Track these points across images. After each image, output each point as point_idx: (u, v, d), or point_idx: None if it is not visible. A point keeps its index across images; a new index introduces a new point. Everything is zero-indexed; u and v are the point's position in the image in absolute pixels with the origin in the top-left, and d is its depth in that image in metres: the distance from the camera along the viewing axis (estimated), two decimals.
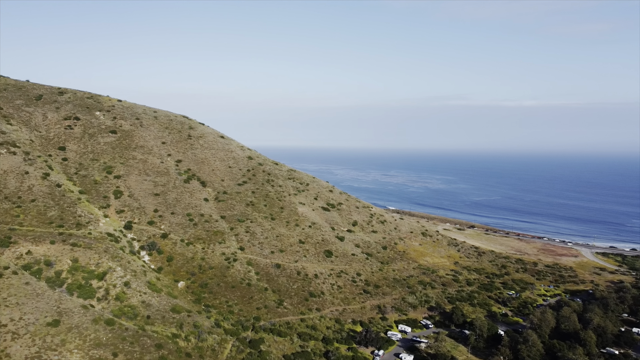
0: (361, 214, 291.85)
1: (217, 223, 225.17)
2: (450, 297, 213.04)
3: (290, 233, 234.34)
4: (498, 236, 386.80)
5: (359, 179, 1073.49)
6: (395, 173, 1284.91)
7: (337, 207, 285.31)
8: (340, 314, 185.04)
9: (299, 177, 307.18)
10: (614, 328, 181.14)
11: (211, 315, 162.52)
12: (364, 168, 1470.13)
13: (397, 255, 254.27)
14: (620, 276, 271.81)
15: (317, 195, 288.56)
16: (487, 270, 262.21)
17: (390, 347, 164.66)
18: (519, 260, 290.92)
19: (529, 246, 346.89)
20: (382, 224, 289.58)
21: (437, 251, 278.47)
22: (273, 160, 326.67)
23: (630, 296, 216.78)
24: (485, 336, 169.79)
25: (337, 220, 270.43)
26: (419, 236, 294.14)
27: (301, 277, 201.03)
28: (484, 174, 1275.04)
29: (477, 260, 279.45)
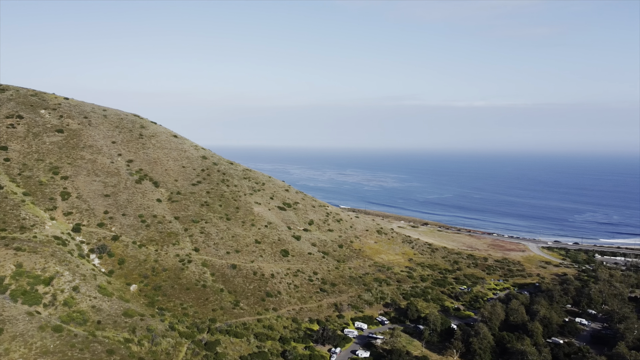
0: (317, 213, 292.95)
1: (171, 224, 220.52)
2: (405, 293, 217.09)
3: (246, 233, 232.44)
4: (450, 233, 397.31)
5: (315, 178, 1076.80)
6: (351, 172, 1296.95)
7: (293, 206, 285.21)
8: (297, 313, 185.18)
9: (255, 176, 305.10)
10: (559, 318, 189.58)
11: (165, 318, 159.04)
12: (320, 167, 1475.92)
13: (353, 253, 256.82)
14: (564, 269, 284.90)
15: (273, 195, 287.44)
16: (440, 266, 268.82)
17: (347, 345, 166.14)
18: (470, 256, 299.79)
19: (479, 242, 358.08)
20: (338, 222, 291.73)
21: (392, 248, 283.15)
22: (228, 160, 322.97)
23: (573, 288, 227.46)
24: (438, 330, 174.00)
25: (294, 219, 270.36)
26: (374, 234, 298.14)
27: (257, 277, 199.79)
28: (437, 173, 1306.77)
29: (431, 256, 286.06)
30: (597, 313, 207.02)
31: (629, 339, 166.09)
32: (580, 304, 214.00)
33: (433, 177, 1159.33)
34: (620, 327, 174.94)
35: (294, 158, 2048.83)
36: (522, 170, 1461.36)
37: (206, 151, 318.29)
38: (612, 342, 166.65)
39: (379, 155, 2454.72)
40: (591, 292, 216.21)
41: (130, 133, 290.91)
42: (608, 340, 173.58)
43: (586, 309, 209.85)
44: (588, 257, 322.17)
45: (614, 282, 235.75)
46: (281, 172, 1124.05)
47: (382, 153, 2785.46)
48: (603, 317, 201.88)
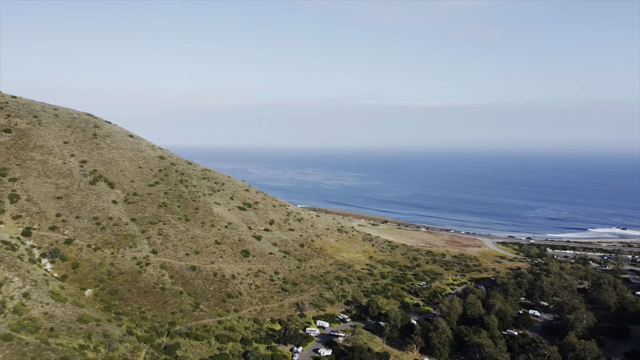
0: (278, 212, 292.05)
1: (127, 226, 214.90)
2: (365, 291, 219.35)
3: (206, 234, 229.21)
4: (409, 230, 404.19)
5: (275, 177, 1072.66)
6: (312, 171, 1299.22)
7: (253, 206, 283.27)
8: (259, 314, 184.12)
9: (214, 176, 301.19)
10: (513, 311, 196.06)
11: (122, 323, 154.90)
12: (280, 167, 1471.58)
13: (314, 252, 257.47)
14: (518, 263, 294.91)
15: (233, 195, 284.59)
16: (400, 263, 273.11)
17: (309, 343, 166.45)
18: (428, 252, 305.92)
19: (437, 239, 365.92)
20: (299, 222, 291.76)
21: (352, 247, 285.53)
22: (186, 160, 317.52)
23: (526, 281, 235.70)
24: (399, 326, 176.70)
25: (254, 219, 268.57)
26: (335, 233, 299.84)
27: (218, 279, 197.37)
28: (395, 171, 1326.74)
29: (391, 253, 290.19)
30: (549, 305, 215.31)
31: (579, 328, 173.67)
32: (533, 296, 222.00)
33: (392, 175, 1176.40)
34: (570, 317, 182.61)
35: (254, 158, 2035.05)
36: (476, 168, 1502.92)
37: (164, 151, 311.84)
38: (563, 332, 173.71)
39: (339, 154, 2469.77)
40: (543, 285, 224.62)
41: (83, 133, 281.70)
42: (559, 330, 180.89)
43: (539, 301, 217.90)
44: (540, 251, 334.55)
45: (564, 274, 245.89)
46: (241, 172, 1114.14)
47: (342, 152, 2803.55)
48: (554, 309, 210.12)
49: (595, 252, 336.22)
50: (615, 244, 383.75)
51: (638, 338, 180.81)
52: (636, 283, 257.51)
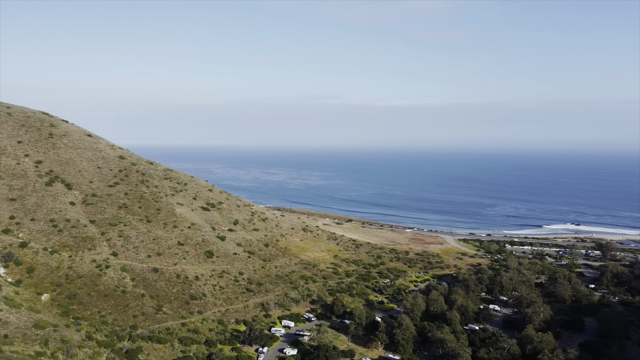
0: (242, 212, 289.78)
1: (86, 228, 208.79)
2: (331, 289, 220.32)
3: (168, 235, 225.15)
4: (373, 228, 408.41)
5: (239, 177, 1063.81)
6: (276, 171, 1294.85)
7: (217, 206, 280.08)
8: (223, 315, 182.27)
9: (176, 176, 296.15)
10: (474, 306, 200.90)
11: (81, 328, 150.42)
12: (244, 166, 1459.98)
13: (279, 252, 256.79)
14: (479, 259, 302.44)
15: (196, 195, 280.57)
16: (364, 261, 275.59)
17: (275, 343, 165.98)
18: (392, 250, 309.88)
19: (401, 236, 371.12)
20: (264, 221, 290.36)
21: (317, 246, 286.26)
22: (147, 160, 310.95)
23: (486, 277, 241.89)
24: (364, 324, 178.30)
25: (218, 219, 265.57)
26: (299, 232, 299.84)
27: (181, 280, 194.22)
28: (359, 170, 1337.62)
29: (355, 252, 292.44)
30: (508, 299, 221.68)
31: (536, 321, 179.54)
32: (493, 291, 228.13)
33: (356, 174, 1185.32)
34: (528, 311, 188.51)
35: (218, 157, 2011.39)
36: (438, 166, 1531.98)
37: (124, 151, 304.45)
38: (521, 326, 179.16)
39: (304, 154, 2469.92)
40: (502, 280, 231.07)
41: (38, 132, 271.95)
42: (518, 323, 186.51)
43: (498, 296, 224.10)
44: (499, 248, 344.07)
45: (523, 269, 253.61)
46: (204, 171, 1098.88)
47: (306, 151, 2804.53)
48: (513, 303, 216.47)
49: (551, 248, 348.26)
50: (569, 239, 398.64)
51: (591, 329, 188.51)
52: (589, 277, 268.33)
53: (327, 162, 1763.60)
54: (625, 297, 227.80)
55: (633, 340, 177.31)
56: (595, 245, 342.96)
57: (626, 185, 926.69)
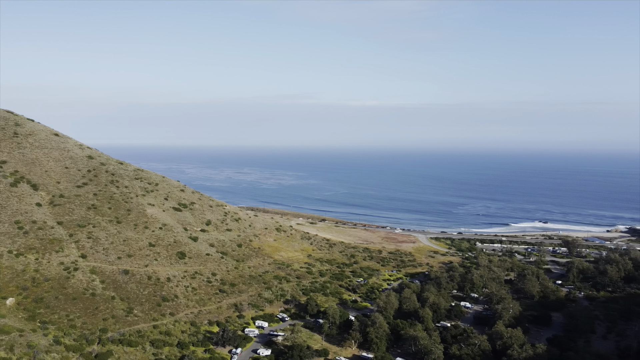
0: (215, 212, 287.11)
1: (54, 230, 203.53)
2: (304, 289, 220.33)
3: (139, 236, 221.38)
4: (347, 228, 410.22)
5: (211, 177, 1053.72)
6: (249, 170, 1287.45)
7: (189, 206, 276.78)
8: (196, 316, 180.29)
9: (147, 176, 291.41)
10: (446, 303, 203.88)
11: (49, 332, 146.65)
12: (217, 166, 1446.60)
13: (253, 252, 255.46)
14: (450, 257, 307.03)
15: (167, 196, 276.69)
16: (338, 260, 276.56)
17: (248, 344, 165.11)
18: (365, 249, 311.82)
19: (374, 235, 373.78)
20: (237, 222, 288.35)
21: (291, 245, 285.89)
22: (117, 160, 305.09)
23: (458, 274, 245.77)
24: (337, 323, 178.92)
25: (190, 220, 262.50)
26: (273, 232, 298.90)
27: (152, 282, 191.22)
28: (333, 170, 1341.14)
29: (329, 251, 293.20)
30: (479, 296, 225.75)
31: (506, 318, 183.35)
32: (465, 288, 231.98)
33: (329, 174, 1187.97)
34: (498, 307, 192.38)
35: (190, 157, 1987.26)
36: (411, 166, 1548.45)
37: (92, 150, 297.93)
38: (491, 322, 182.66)
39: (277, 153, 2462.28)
40: (473, 277, 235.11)
41: (2, 131, 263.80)
42: (488, 320, 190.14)
43: (469, 293, 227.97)
44: (470, 245, 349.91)
45: (493, 267, 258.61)
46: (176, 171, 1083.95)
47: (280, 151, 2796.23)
48: (484, 300, 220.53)
49: (520, 245, 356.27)
50: (537, 236, 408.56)
51: (558, 324, 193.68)
52: (556, 273, 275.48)
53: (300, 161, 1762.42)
54: (590, 292, 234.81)
55: (598, 334, 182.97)
56: (562, 242, 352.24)
57: (591, 184, 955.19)
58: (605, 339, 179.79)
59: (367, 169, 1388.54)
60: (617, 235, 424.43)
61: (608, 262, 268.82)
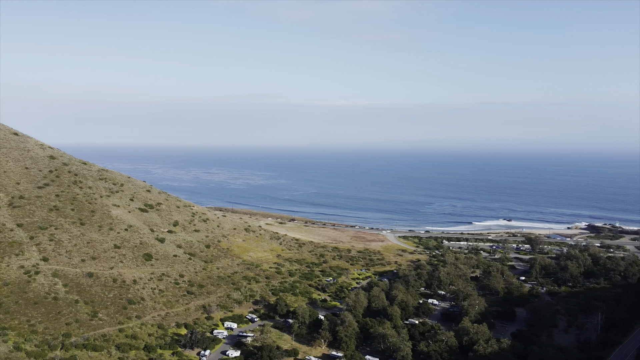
0: (182, 213, 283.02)
1: (13, 232, 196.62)
2: (274, 289, 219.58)
3: (104, 238, 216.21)
4: (316, 227, 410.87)
5: (179, 177, 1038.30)
6: (217, 170, 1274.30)
7: (156, 207, 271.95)
8: (163, 319, 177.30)
9: (112, 177, 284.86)
10: (414, 301, 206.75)
11: (8, 339, 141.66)
12: (184, 166, 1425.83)
13: (221, 253, 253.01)
14: (418, 255, 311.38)
15: (133, 196, 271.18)
16: (307, 260, 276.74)
17: (217, 346, 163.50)
18: (335, 249, 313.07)
19: (343, 235, 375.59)
20: (205, 222, 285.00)
21: (260, 246, 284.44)
22: (81, 160, 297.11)
23: (425, 272, 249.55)
24: (307, 323, 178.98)
25: (157, 221, 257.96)
26: (242, 232, 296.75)
27: (118, 285, 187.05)
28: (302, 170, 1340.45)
29: (298, 251, 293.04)
30: (446, 293, 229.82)
31: (472, 314, 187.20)
32: (432, 286, 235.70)
33: (298, 174, 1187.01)
34: (464, 304, 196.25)
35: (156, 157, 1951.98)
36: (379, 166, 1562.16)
37: (54, 150, 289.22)
38: (458, 318, 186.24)
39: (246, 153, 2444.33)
40: (440, 275, 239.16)
41: None
42: (455, 316, 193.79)
43: (437, 291, 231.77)
44: (437, 243, 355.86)
45: (459, 264, 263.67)
46: (142, 171, 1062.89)
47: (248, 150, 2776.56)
48: (451, 297, 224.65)
49: (485, 243, 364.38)
50: (502, 234, 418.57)
51: (522, 319, 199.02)
52: (520, 269, 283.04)
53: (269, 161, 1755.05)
54: (552, 287, 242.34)
55: (560, 328, 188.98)
56: (525, 239, 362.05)
57: (552, 182, 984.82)
58: (567, 333, 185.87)
59: (336, 169, 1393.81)
60: (577, 232, 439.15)
61: (569, 258, 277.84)
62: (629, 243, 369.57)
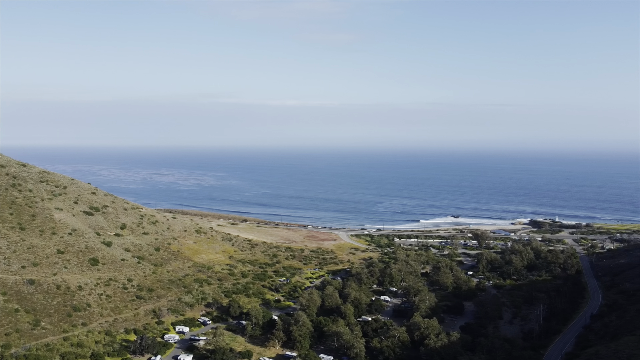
0: (130, 216, 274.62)
1: None
2: (226, 291, 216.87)
3: (46, 243, 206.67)
4: (269, 228, 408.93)
5: (126, 179, 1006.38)
6: (166, 171, 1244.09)
7: (102, 210, 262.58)
8: (111, 325, 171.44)
9: (54, 179, 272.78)
10: (367, 298, 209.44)
11: None
12: (131, 167, 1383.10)
13: (172, 256, 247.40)
14: (370, 253, 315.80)
15: (77, 199, 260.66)
16: (260, 260, 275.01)
17: (168, 351, 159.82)
18: (288, 249, 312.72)
19: (296, 234, 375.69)
20: (154, 224, 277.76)
21: (212, 247, 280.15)
22: (20, 162, 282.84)
23: (377, 270, 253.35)
24: (261, 324, 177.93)
25: (103, 224, 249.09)
26: (193, 234, 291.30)
27: (62, 291, 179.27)
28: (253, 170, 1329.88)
29: (251, 252, 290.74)
30: (398, 289, 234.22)
31: (423, 309, 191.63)
32: (384, 283, 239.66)
33: (250, 174, 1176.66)
34: (415, 300, 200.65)
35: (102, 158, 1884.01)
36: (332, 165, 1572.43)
37: None
38: (409, 314, 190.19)
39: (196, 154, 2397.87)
40: (392, 272, 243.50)
41: None
42: (407, 312, 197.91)
43: (389, 287, 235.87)
44: (389, 241, 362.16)
45: (410, 261, 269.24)
46: (86, 173, 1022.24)
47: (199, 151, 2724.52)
48: (402, 293, 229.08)
49: (434, 239, 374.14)
50: (450, 230, 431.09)
51: (470, 312, 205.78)
52: (468, 264, 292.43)
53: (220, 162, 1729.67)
54: (498, 281, 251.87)
55: (505, 320, 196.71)
56: (472, 235, 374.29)
57: (497, 180, 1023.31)
58: (512, 324, 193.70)
59: (288, 169, 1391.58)
60: (520, 227, 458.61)
61: (513, 252, 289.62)
62: (567, 237, 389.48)
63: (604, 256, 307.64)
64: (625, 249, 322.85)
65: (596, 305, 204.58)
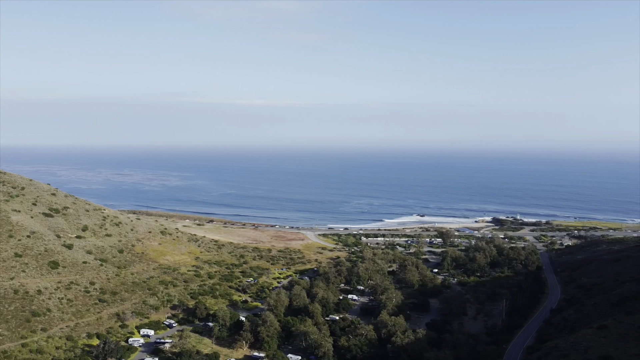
0: (92, 217, 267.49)
1: None
2: (192, 293, 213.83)
3: (3, 246, 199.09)
4: (236, 228, 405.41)
5: (88, 179, 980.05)
6: (130, 172, 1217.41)
7: (62, 211, 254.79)
8: (73, 330, 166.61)
9: (11, 180, 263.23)
10: (335, 297, 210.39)
11: None
12: (93, 167, 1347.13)
13: (136, 258, 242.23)
14: (337, 252, 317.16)
15: (36, 200, 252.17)
16: (227, 261, 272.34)
17: (133, 355, 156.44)
18: (255, 249, 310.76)
19: (263, 235, 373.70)
20: (117, 226, 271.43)
21: (177, 249, 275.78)
22: None
23: (345, 269, 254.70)
24: (228, 325, 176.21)
25: (64, 226, 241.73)
26: (158, 235, 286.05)
27: (20, 296, 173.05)
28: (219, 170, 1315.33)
29: (218, 253, 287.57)
30: (365, 288, 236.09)
31: (389, 307, 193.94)
32: (351, 282, 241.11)
33: (216, 174, 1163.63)
34: (382, 298, 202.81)
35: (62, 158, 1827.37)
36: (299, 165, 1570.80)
37: None
38: (377, 312, 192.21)
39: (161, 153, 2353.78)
40: (359, 271, 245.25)
41: None
42: (374, 310, 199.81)
43: (356, 286, 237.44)
44: (356, 240, 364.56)
45: (377, 259, 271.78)
46: (45, 174, 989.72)
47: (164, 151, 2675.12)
48: (369, 291, 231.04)
49: (401, 238, 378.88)
50: (416, 229, 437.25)
51: (436, 309, 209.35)
52: (433, 262, 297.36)
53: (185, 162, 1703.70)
54: (462, 278, 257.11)
55: (469, 316, 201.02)
56: (438, 233, 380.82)
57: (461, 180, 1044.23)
58: (476, 320, 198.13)
59: (255, 169, 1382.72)
60: (483, 225, 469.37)
61: (476, 249, 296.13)
62: (528, 234, 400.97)
63: (563, 252, 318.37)
64: (582, 245, 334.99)
65: (555, 300, 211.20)
